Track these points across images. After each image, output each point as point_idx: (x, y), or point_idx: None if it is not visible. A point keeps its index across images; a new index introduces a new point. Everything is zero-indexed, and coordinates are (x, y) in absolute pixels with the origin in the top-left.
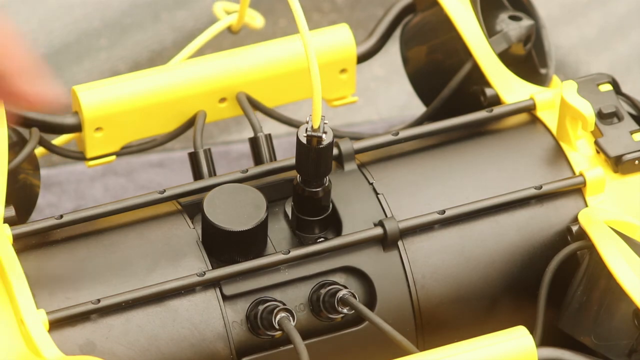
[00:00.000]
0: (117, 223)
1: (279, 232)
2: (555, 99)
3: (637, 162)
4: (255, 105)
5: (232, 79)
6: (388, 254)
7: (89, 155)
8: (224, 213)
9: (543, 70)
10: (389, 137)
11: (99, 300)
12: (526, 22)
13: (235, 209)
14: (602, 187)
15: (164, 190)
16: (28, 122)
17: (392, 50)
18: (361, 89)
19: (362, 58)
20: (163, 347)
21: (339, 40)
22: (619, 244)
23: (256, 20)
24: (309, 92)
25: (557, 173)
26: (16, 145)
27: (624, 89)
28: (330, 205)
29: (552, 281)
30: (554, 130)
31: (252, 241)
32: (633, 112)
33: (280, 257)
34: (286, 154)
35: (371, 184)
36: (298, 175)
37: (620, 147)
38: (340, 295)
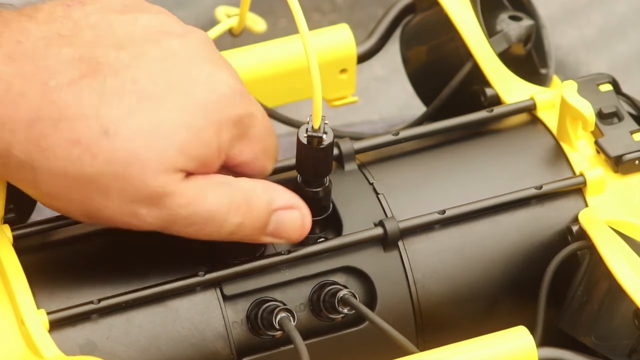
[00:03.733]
0: None
1: None
2: (555, 99)
3: (637, 162)
4: None
5: None
6: (388, 254)
7: None
8: None
9: (543, 70)
10: (389, 137)
11: (99, 300)
12: (526, 22)
13: None
14: (603, 187)
15: None
16: None
17: (392, 50)
18: (361, 89)
19: (362, 58)
20: (163, 347)
21: (339, 40)
22: (619, 244)
23: (258, 24)
24: (309, 92)
25: (558, 173)
26: None
27: (624, 89)
28: (331, 206)
29: (552, 281)
30: (554, 130)
31: None
32: (633, 112)
33: (281, 257)
34: (286, 154)
35: (371, 184)
36: (298, 175)
37: (620, 147)
38: (341, 295)
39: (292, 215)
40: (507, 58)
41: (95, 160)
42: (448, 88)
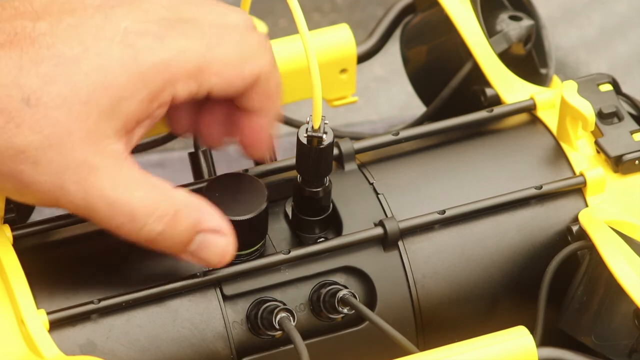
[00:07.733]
0: None
1: (279, 232)
2: (555, 99)
3: (637, 162)
4: None
5: None
6: (388, 254)
7: None
8: (224, 203)
9: (543, 70)
10: (389, 137)
11: (99, 300)
12: (526, 22)
13: (236, 198)
14: (603, 187)
15: None
16: None
17: (392, 50)
18: (361, 89)
19: (363, 58)
20: (163, 347)
21: (339, 40)
22: (619, 244)
23: (259, 28)
24: (309, 92)
25: (558, 173)
26: None
27: (624, 89)
28: (331, 205)
29: (552, 281)
30: (554, 130)
31: (252, 231)
32: (633, 112)
33: (281, 257)
34: (286, 154)
35: (371, 184)
36: (298, 175)
37: (620, 147)
38: (341, 295)
39: (217, 240)
40: (507, 58)
41: (20, 129)
42: (448, 88)
